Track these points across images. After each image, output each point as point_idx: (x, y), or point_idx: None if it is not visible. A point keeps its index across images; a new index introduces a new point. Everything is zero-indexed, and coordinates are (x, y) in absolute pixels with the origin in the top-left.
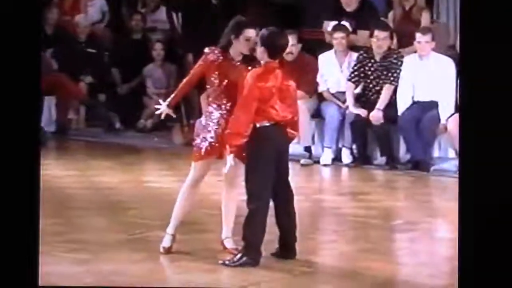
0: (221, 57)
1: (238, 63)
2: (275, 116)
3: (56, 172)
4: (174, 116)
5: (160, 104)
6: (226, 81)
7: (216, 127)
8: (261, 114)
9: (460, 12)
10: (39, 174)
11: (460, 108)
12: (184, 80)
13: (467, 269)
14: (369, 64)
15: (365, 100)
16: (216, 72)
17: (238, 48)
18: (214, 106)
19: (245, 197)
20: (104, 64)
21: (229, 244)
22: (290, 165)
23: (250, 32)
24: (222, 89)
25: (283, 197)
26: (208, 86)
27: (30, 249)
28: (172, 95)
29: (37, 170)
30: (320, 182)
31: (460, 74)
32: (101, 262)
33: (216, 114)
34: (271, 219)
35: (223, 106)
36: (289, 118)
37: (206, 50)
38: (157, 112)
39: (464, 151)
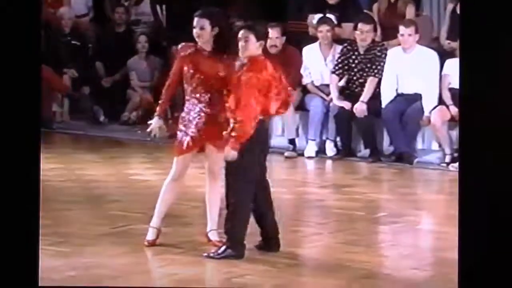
0: (192, 49)
1: (209, 54)
2: (271, 110)
3: None
4: (164, 127)
5: (151, 119)
6: (200, 72)
7: (198, 120)
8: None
9: (460, 10)
10: (39, 175)
11: (460, 104)
12: (166, 84)
13: (467, 267)
14: (353, 57)
15: (349, 92)
16: (190, 65)
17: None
18: (193, 100)
19: None
20: (88, 57)
21: (213, 236)
22: (275, 157)
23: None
24: (198, 82)
25: (262, 185)
26: (184, 82)
27: (30, 250)
28: (160, 105)
29: (37, 171)
30: (304, 175)
31: (460, 69)
32: (84, 255)
33: (196, 108)
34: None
35: (202, 99)
36: (281, 111)
37: (178, 47)
38: (151, 128)
39: (464, 148)
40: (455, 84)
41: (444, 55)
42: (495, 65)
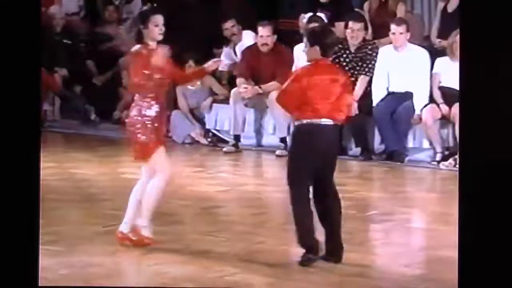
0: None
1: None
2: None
3: None
4: None
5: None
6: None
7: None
8: None
9: (460, 10)
10: (39, 176)
11: (460, 102)
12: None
13: (467, 266)
14: (344, 55)
15: None
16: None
17: (150, 36)
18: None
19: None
20: (79, 56)
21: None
22: (266, 156)
23: (158, 18)
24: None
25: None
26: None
27: (30, 250)
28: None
29: (37, 171)
30: None
31: (460, 69)
32: (77, 254)
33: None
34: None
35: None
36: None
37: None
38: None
39: (464, 147)
40: (446, 83)
41: (434, 53)
42: (495, 65)
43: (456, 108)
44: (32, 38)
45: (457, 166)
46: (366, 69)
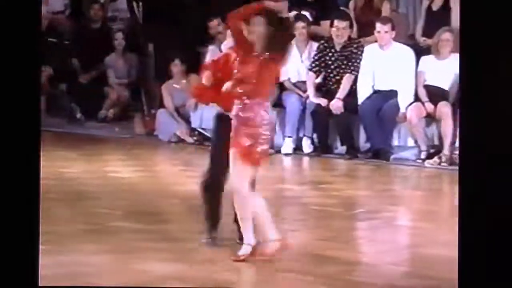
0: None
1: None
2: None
3: None
4: None
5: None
6: None
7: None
8: None
9: (460, 9)
10: (38, 176)
11: (460, 100)
12: None
13: (467, 266)
14: (330, 54)
15: (326, 89)
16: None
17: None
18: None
19: None
20: (64, 54)
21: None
22: None
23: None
24: None
25: None
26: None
27: (30, 250)
28: None
29: (37, 170)
30: (281, 172)
31: (460, 69)
32: (65, 253)
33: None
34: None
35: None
36: None
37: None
38: None
39: (464, 146)
40: (430, 81)
41: (419, 52)
42: (495, 64)
43: (441, 106)
44: (32, 37)
45: (442, 164)
46: (352, 68)
